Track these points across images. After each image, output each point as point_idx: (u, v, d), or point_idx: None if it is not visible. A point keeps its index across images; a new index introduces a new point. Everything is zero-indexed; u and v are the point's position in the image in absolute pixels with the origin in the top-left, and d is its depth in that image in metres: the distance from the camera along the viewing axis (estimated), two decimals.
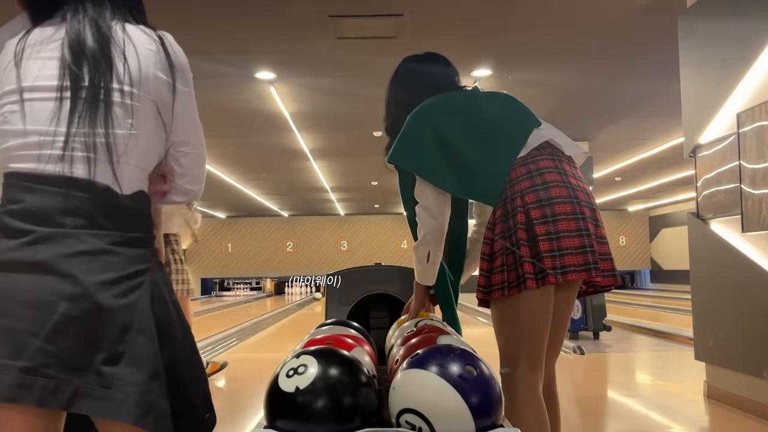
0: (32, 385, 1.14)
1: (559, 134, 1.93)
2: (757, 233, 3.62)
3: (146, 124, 1.30)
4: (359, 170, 12.94)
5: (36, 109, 1.24)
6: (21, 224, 1.19)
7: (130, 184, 1.28)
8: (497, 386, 1.50)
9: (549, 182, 1.73)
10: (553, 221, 1.69)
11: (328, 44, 5.73)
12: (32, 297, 1.16)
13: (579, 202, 1.73)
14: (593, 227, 1.74)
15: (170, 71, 1.33)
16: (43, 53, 1.28)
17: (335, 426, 1.43)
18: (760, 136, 3.56)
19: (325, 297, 3.33)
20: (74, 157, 1.22)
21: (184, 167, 1.39)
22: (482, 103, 1.95)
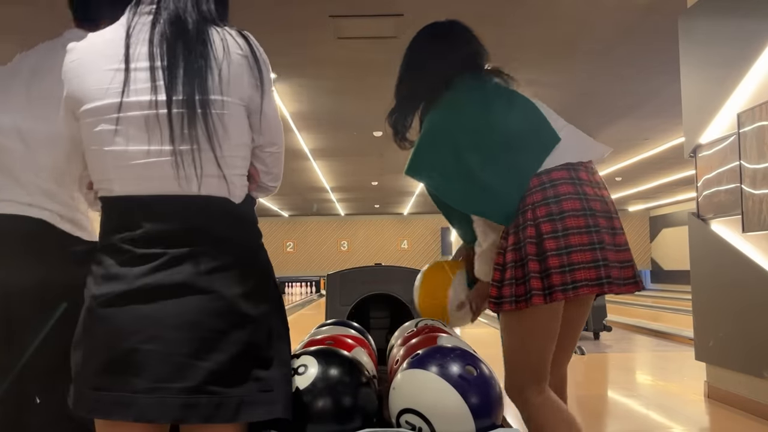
0: (197, 404, 1.16)
1: (579, 137, 1.88)
2: (757, 233, 3.62)
3: (243, 131, 1.27)
4: (359, 170, 12.94)
5: (133, 127, 1.20)
6: (147, 249, 1.20)
7: (241, 192, 1.28)
8: (497, 386, 1.50)
9: (562, 195, 1.69)
10: (564, 236, 1.65)
11: (328, 44, 5.73)
12: (180, 319, 1.18)
13: (593, 213, 1.68)
14: (610, 237, 1.69)
15: (260, 75, 1.29)
16: (131, 62, 1.21)
17: (335, 426, 1.43)
18: (761, 136, 3.56)
19: (324, 297, 3.33)
20: (185, 174, 1.20)
21: (269, 166, 1.38)
22: (502, 119, 1.85)
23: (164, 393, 1.16)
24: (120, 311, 1.19)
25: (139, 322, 1.17)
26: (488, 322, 10.39)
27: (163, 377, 1.16)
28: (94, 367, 1.19)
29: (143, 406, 1.16)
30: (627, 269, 1.71)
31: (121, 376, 1.17)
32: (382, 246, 22.17)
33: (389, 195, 17.19)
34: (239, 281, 1.23)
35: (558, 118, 1.91)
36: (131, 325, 1.18)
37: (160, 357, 1.16)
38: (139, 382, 1.16)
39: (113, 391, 1.17)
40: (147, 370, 1.16)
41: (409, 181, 14.51)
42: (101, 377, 1.19)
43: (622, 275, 1.70)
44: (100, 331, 1.20)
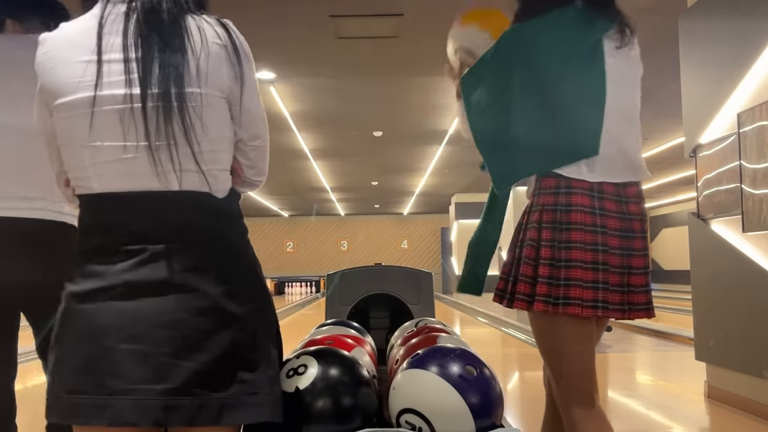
0: (178, 406, 1.12)
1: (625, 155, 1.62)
2: (757, 233, 3.62)
3: (224, 124, 1.23)
4: (359, 170, 12.94)
5: (108, 122, 1.15)
6: (128, 246, 1.16)
7: (224, 187, 1.25)
8: (497, 386, 1.50)
9: (573, 205, 1.55)
10: (567, 248, 1.54)
11: (328, 44, 5.73)
12: (164, 317, 1.13)
13: (605, 231, 1.55)
14: (620, 258, 1.56)
15: (239, 66, 1.23)
16: (104, 54, 1.16)
17: (335, 426, 1.43)
18: (761, 136, 3.56)
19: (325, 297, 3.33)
20: (164, 171, 1.16)
21: (252, 160, 1.33)
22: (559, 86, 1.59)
23: (143, 395, 1.11)
24: (99, 308, 1.14)
25: (119, 320, 1.13)
26: (488, 322, 10.39)
27: (142, 378, 1.11)
28: (70, 369, 1.14)
29: (120, 408, 1.11)
30: (639, 294, 1.58)
31: (98, 377, 1.12)
32: (382, 246, 22.17)
33: (389, 195, 17.19)
34: (224, 278, 1.19)
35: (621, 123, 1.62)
36: (111, 323, 1.13)
37: (140, 357, 1.12)
38: (117, 383, 1.11)
39: (91, 394, 1.12)
40: (126, 370, 1.11)
41: (409, 181, 14.53)
42: (77, 379, 1.13)
43: (636, 300, 1.57)
44: (78, 330, 1.15)
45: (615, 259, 1.55)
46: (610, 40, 1.62)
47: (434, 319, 2.66)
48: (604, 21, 1.62)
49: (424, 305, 3.19)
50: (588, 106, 1.58)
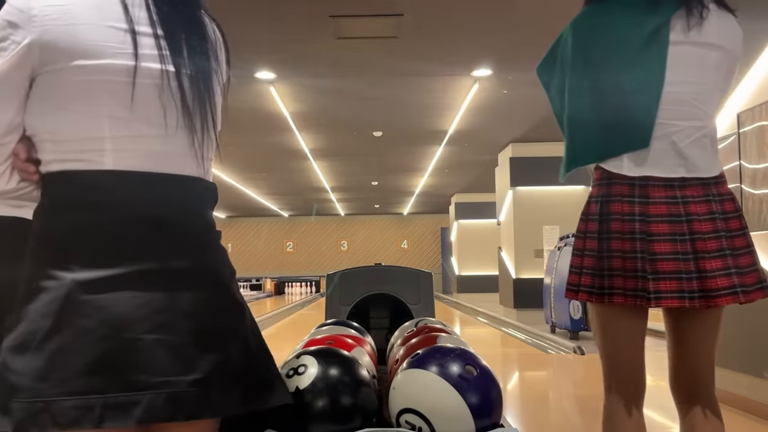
0: (208, 397, 1.08)
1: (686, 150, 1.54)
2: (757, 233, 3.62)
3: None
4: (359, 170, 12.94)
5: (145, 94, 1.09)
6: (142, 230, 1.08)
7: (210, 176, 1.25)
8: (497, 386, 1.50)
9: (613, 195, 1.54)
10: (607, 239, 1.53)
11: (328, 44, 5.73)
12: (186, 306, 1.08)
13: (648, 218, 1.51)
14: (672, 245, 1.50)
15: (228, 64, 1.26)
16: (135, 24, 1.09)
17: (335, 426, 1.43)
18: (761, 136, 3.56)
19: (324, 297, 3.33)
20: (196, 154, 1.14)
21: None
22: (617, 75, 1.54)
23: (175, 387, 1.04)
24: (118, 296, 1.04)
25: (140, 309, 1.04)
26: (488, 322, 10.39)
27: (173, 370, 1.04)
28: (78, 367, 1.00)
29: (151, 404, 1.02)
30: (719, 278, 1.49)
31: (120, 373, 1.02)
32: (382, 246, 22.17)
33: (389, 195, 17.19)
34: (227, 267, 1.19)
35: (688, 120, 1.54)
36: (131, 312, 1.04)
37: (167, 347, 1.05)
38: (145, 377, 1.02)
39: (109, 392, 1.01)
40: (154, 362, 1.03)
41: (409, 181, 14.53)
42: (89, 378, 1.01)
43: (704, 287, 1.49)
44: (91, 321, 1.02)
45: (664, 246, 1.49)
46: (678, 21, 1.52)
47: (434, 319, 2.66)
48: (668, 6, 1.52)
49: (424, 305, 3.19)
50: (641, 97, 1.52)
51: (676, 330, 1.62)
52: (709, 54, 1.54)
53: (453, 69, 6.63)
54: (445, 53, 6.12)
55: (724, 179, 1.58)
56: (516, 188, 10.26)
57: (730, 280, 1.49)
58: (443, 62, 6.37)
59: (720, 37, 1.55)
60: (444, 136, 9.69)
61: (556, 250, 7.69)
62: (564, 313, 7.12)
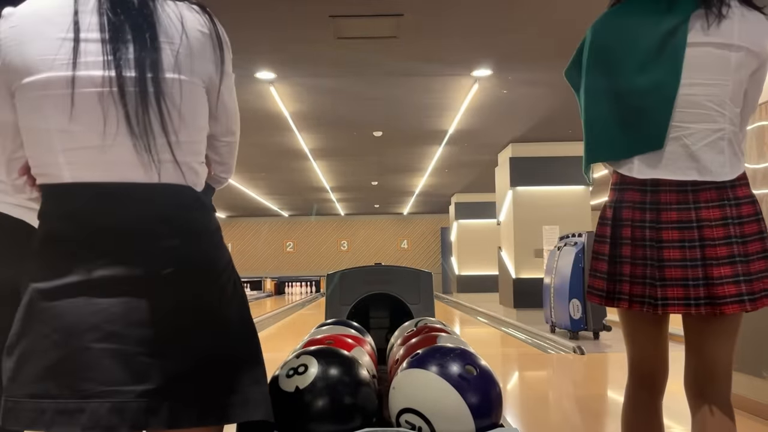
0: (159, 408, 1.05)
1: (696, 153, 1.53)
2: None
3: (203, 114, 1.18)
4: (359, 170, 12.94)
5: (86, 105, 1.07)
6: (102, 240, 1.08)
7: (201, 181, 1.19)
8: (497, 386, 1.50)
9: (625, 201, 1.56)
10: (620, 245, 1.56)
11: (328, 44, 5.73)
12: (142, 315, 1.06)
13: (658, 225, 1.51)
14: (681, 252, 1.50)
15: (221, 57, 1.18)
16: (81, 32, 1.07)
17: (335, 425, 1.43)
18: (761, 136, 3.56)
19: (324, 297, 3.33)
20: (144, 160, 1.09)
21: (223, 157, 1.29)
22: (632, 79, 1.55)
23: (122, 397, 1.03)
24: (70, 304, 1.05)
25: (93, 318, 1.04)
26: (488, 322, 10.39)
27: (121, 380, 1.04)
28: (34, 371, 1.05)
29: (96, 412, 1.02)
30: (726, 286, 1.49)
31: (69, 379, 1.03)
32: (382, 246, 22.17)
33: (389, 195, 17.19)
34: (203, 274, 1.13)
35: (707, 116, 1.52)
36: (84, 321, 1.04)
37: (117, 356, 1.04)
38: (91, 386, 1.03)
39: (59, 398, 1.03)
40: (101, 371, 1.03)
41: (409, 180, 14.54)
42: (43, 382, 1.04)
43: (711, 294, 1.49)
44: (46, 329, 1.05)
45: (673, 253, 1.49)
46: (698, 21, 1.49)
47: (434, 319, 2.66)
48: (686, 4, 1.50)
49: (424, 305, 3.19)
50: (655, 99, 1.51)
51: (691, 334, 1.63)
52: (729, 55, 1.50)
53: (453, 69, 6.63)
54: (445, 53, 6.12)
55: (744, 181, 1.56)
56: (516, 188, 10.26)
57: (737, 288, 1.49)
58: (443, 62, 6.37)
59: (741, 37, 1.50)
60: (444, 136, 9.69)
61: (555, 250, 7.68)
62: (564, 313, 7.12)
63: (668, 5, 1.51)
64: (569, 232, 7.74)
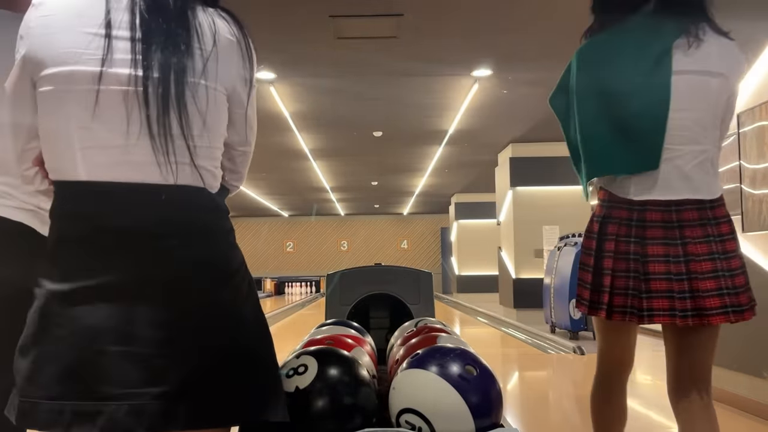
0: (176, 410, 1.05)
1: (690, 173, 1.62)
2: (757, 233, 3.62)
3: (223, 122, 1.17)
4: (359, 170, 12.94)
5: (111, 102, 1.06)
6: (119, 241, 1.07)
7: (216, 184, 1.19)
8: (497, 386, 1.50)
9: (612, 217, 1.66)
10: (603, 257, 1.66)
11: (328, 44, 5.73)
12: (158, 318, 1.06)
13: (644, 240, 1.61)
14: (666, 266, 1.59)
15: (250, 66, 1.19)
16: (113, 29, 1.07)
17: (335, 426, 1.43)
18: (761, 136, 3.56)
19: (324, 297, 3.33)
20: (164, 162, 1.08)
21: (237, 165, 1.28)
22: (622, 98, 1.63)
23: (139, 399, 1.04)
24: (87, 308, 1.05)
25: (110, 321, 1.05)
26: (488, 322, 10.39)
27: (137, 382, 1.04)
28: (52, 373, 1.05)
29: (114, 415, 1.03)
30: (711, 299, 1.58)
31: (87, 382, 1.04)
32: (382, 246, 22.17)
33: (389, 195, 17.19)
34: (218, 277, 1.13)
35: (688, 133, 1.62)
36: (101, 324, 1.04)
37: (133, 359, 1.04)
38: (109, 388, 1.04)
39: (78, 400, 1.04)
40: (119, 374, 1.04)
41: (409, 181, 14.54)
42: (62, 384, 1.04)
43: (697, 305, 1.59)
44: (63, 331, 1.05)
45: (658, 267, 1.58)
46: (682, 46, 1.59)
47: (434, 319, 2.66)
48: (671, 28, 1.59)
49: (424, 305, 3.19)
50: (648, 122, 1.59)
51: (676, 341, 1.72)
52: (710, 81, 1.61)
53: (453, 69, 6.63)
54: (445, 53, 6.12)
55: (721, 202, 1.65)
56: (516, 188, 10.26)
57: (722, 300, 1.58)
58: (443, 62, 6.37)
59: (720, 64, 1.61)
60: (444, 136, 9.69)
61: (555, 250, 7.69)
62: (564, 313, 7.12)
63: (652, 35, 1.60)
64: (569, 232, 7.74)
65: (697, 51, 1.58)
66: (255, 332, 1.19)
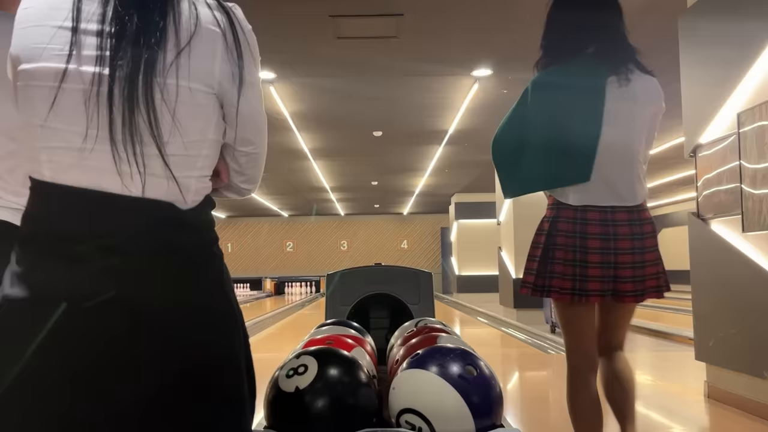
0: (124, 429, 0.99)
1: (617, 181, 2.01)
2: (757, 233, 3.62)
3: (208, 124, 1.06)
4: (359, 170, 12.94)
5: (71, 102, 0.98)
6: (75, 251, 0.98)
7: (195, 197, 1.07)
8: (497, 386, 1.50)
9: (561, 217, 2.01)
10: (553, 249, 1.99)
11: (328, 44, 5.73)
12: (104, 337, 0.97)
13: (585, 236, 1.97)
14: (600, 257, 1.96)
15: (238, 59, 1.06)
16: (81, 22, 0.99)
17: (335, 426, 1.43)
18: (761, 136, 3.56)
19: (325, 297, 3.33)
20: (128, 171, 0.99)
21: (243, 167, 1.16)
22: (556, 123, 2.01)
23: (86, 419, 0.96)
24: (32, 320, 0.96)
25: (52, 339, 0.96)
26: (488, 322, 10.38)
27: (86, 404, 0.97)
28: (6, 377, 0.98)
29: None
30: (626, 284, 1.99)
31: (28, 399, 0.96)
32: (382, 246, 22.16)
33: (389, 195, 17.19)
34: (179, 297, 1.02)
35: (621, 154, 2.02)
36: (43, 343, 0.96)
37: (80, 380, 0.96)
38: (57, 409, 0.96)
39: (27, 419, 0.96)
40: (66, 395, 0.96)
41: (409, 180, 14.53)
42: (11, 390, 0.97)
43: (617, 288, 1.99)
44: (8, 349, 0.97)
45: (594, 257, 1.96)
46: (613, 83, 1.98)
47: (434, 319, 2.66)
48: (605, 69, 1.99)
49: (424, 305, 3.20)
50: (583, 142, 1.97)
51: (605, 314, 2.13)
52: (635, 109, 2.01)
53: (453, 69, 6.63)
54: (445, 53, 6.12)
55: (645, 206, 2.07)
56: None
57: (633, 286, 1.99)
58: (443, 62, 6.37)
59: (644, 96, 2.02)
60: (444, 136, 9.69)
61: None
62: None
63: (589, 72, 2.00)
64: None
65: (627, 87, 1.98)
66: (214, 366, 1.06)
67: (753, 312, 3.59)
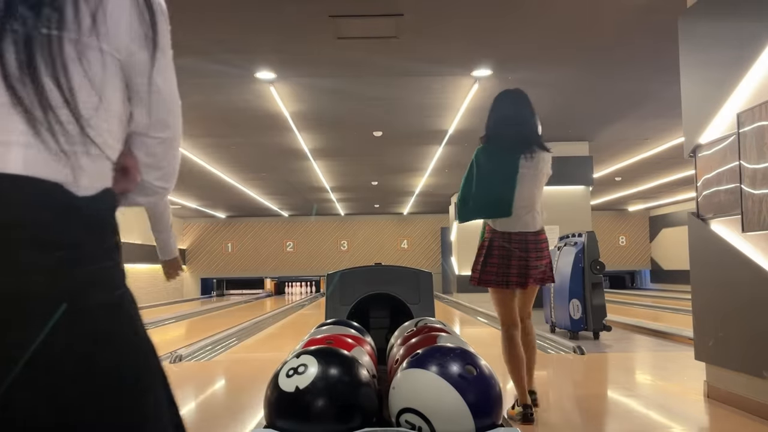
0: None
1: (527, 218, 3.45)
2: (757, 233, 3.62)
3: (113, 94, 0.87)
4: (359, 170, 12.94)
5: None
6: None
7: (90, 183, 0.83)
8: (497, 385, 1.50)
9: (494, 246, 3.41)
10: (491, 257, 3.40)
11: (328, 44, 5.73)
12: None
13: (509, 251, 3.36)
14: (518, 264, 3.37)
15: (152, 23, 0.90)
16: None
17: (335, 425, 1.43)
18: (761, 136, 3.56)
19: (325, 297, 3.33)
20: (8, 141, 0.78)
21: (157, 157, 0.96)
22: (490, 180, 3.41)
23: None
24: None
25: None
26: (488, 322, 10.38)
27: None
28: None
29: None
30: (533, 280, 3.42)
31: None
32: (382, 246, 22.17)
33: (389, 195, 17.19)
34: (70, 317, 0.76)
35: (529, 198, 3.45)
36: None
37: None
38: None
39: None
40: None
41: (409, 180, 14.54)
42: None
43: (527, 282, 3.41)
44: None
45: (515, 263, 3.34)
46: (524, 159, 3.37)
47: (434, 319, 2.66)
48: (518, 152, 3.37)
49: (424, 305, 3.20)
50: (505, 194, 3.34)
51: (519, 298, 3.48)
52: (536, 174, 3.42)
53: (453, 69, 6.63)
54: (445, 53, 6.13)
55: (543, 230, 3.47)
56: None
57: (534, 280, 3.41)
58: (443, 62, 6.37)
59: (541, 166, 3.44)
60: (444, 136, 9.70)
61: (555, 250, 7.68)
62: (564, 313, 7.12)
63: (508, 151, 3.38)
64: (569, 232, 7.74)
65: (531, 160, 3.38)
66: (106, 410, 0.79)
67: (752, 312, 3.59)
